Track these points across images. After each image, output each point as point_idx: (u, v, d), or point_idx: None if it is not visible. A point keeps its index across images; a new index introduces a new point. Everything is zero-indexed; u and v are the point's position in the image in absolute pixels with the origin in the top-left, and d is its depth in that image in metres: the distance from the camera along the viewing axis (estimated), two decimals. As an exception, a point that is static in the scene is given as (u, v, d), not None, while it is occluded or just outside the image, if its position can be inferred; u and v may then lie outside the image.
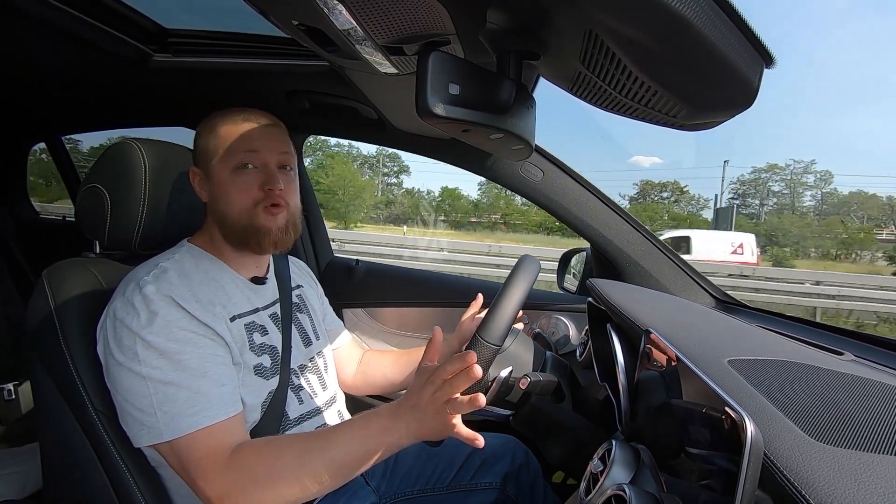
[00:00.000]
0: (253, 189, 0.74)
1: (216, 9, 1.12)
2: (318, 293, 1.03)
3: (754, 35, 0.35)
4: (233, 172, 0.74)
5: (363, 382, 1.03)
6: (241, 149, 0.74)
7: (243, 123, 0.76)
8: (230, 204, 0.74)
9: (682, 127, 0.48)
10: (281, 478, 0.61)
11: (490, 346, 0.63)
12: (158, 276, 0.69)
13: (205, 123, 0.78)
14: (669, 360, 0.58)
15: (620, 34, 0.36)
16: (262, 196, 0.74)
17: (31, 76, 1.35)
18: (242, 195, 0.74)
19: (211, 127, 0.77)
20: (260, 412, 0.73)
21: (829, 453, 0.37)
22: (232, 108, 0.79)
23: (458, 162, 1.26)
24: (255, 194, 0.74)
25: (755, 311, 1.10)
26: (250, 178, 0.74)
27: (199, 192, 0.78)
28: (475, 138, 0.56)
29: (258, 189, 0.74)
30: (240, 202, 0.74)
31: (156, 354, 0.63)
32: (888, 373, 0.63)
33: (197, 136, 0.79)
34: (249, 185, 0.74)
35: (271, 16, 0.56)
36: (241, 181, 0.74)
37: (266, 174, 0.75)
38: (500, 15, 0.47)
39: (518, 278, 0.69)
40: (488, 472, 0.94)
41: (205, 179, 0.78)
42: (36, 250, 1.99)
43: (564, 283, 1.39)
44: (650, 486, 0.55)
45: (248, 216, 0.74)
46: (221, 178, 0.75)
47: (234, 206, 0.74)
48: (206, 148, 0.77)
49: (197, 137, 0.79)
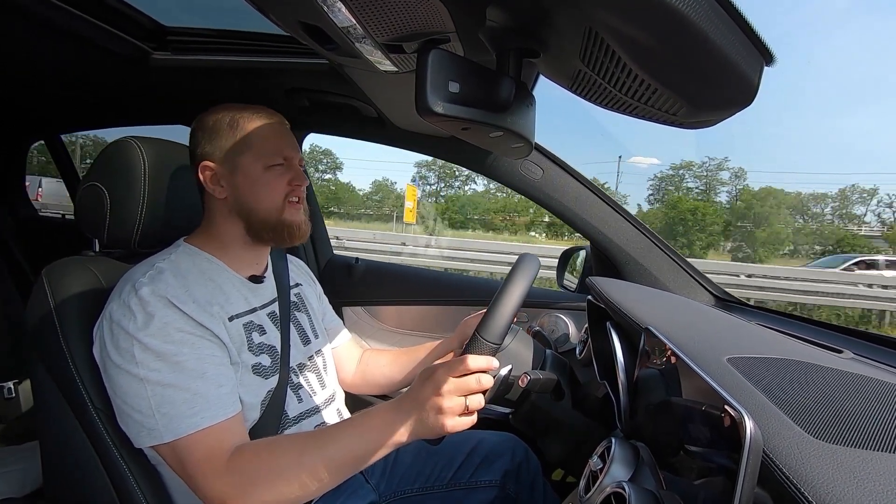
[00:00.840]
0: (283, 185, 0.77)
1: (215, 7, 1.12)
2: (318, 292, 1.03)
3: (754, 33, 0.35)
4: (264, 170, 0.76)
5: (362, 381, 1.03)
6: (275, 147, 0.77)
7: (268, 120, 0.78)
8: (262, 200, 0.76)
9: (682, 125, 0.48)
10: (281, 477, 0.61)
11: (490, 344, 0.63)
12: (154, 277, 0.68)
13: (219, 118, 0.76)
14: (669, 357, 0.58)
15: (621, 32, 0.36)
16: (290, 190, 0.78)
17: (29, 74, 1.35)
18: (273, 192, 0.77)
19: (232, 122, 0.76)
20: (259, 411, 0.73)
21: (828, 451, 0.37)
22: (243, 105, 0.78)
23: (457, 160, 1.26)
24: (284, 189, 0.77)
25: (754, 309, 1.11)
26: (280, 176, 0.77)
27: (212, 188, 0.76)
28: (475, 136, 0.56)
29: (286, 184, 0.77)
30: (272, 198, 0.76)
31: (153, 356, 0.63)
32: (888, 371, 0.64)
33: (209, 130, 0.76)
34: (279, 183, 0.77)
35: (271, 14, 0.56)
36: (272, 178, 0.76)
37: (293, 172, 0.78)
38: (500, 13, 0.47)
39: (517, 276, 0.69)
40: (488, 470, 0.94)
41: (224, 175, 0.76)
42: (35, 249, 1.99)
43: (564, 281, 1.40)
44: (649, 484, 0.56)
45: (278, 211, 0.77)
46: (253, 175, 0.75)
47: (266, 201, 0.76)
48: (227, 143, 0.75)
49: (209, 132, 0.76)
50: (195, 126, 0.78)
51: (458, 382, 0.60)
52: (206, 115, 0.78)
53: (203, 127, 0.77)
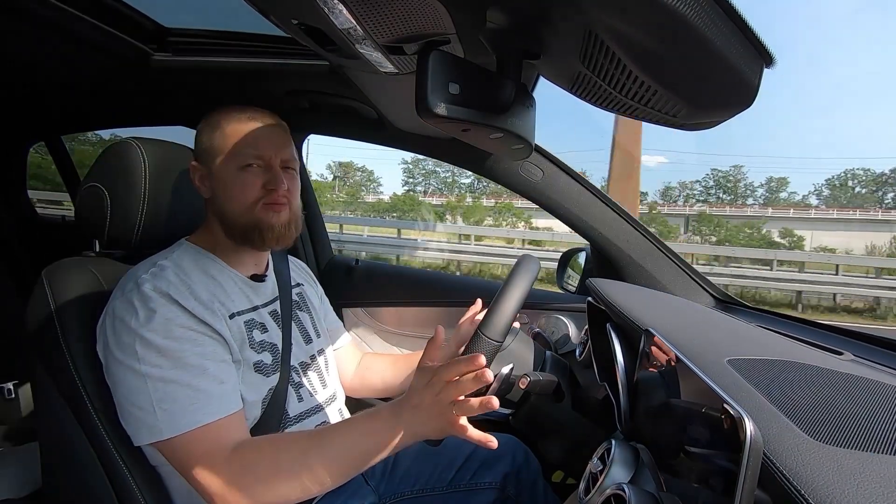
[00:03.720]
0: (256, 187, 0.75)
1: (216, 8, 1.12)
2: (318, 292, 1.03)
3: (754, 34, 0.35)
4: (237, 171, 0.75)
5: (360, 385, 1.03)
6: (246, 148, 0.75)
7: (249, 122, 0.76)
8: (232, 201, 0.75)
9: (682, 126, 0.48)
10: (281, 476, 0.61)
11: (492, 341, 0.63)
12: (157, 274, 0.69)
13: (208, 120, 0.78)
14: (669, 359, 0.58)
15: (620, 34, 0.36)
16: (264, 194, 0.75)
17: (30, 75, 1.35)
18: (245, 193, 0.74)
19: (215, 124, 0.77)
20: (260, 409, 0.73)
21: (828, 453, 0.37)
22: (236, 106, 0.78)
23: (457, 161, 1.26)
24: (257, 192, 0.75)
25: (755, 311, 1.10)
26: (254, 177, 0.75)
27: (200, 188, 0.78)
28: (475, 138, 0.56)
29: (261, 188, 0.75)
30: (242, 199, 0.74)
31: (155, 352, 0.64)
32: (887, 372, 0.63)
33: (199, 132, 0.79)
34: (252, 184, 0.75)
35: (271, 15, 0.56)
36: (244, 179, 0.75)
37: (270, 174, 0.76)
38: (501, 15, 0.47)
39: (519, 277, 0.69)
40: (488, 472, 0.94)
41: (206, 176, 0.77)
42: (35, 249, 1.99)
43: (564, 282, 1.39)
44: (649, 486, 0.56)
45: (249, 213, 0.75)
46: (225, 176, 0.75)
47: (236, 203, 0.75)
48: (209, 145, 0.76)
49: (199, 134, 0.78)
50: (197, 128, 0.80)
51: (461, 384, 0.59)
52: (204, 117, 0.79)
53: (200, 128, 0.79)
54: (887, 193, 41.82)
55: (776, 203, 40.91)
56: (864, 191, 42.87)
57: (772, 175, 46.01)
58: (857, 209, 33.86)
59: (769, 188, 45.44)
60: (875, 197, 42.03)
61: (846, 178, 44.00)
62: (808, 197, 45.35)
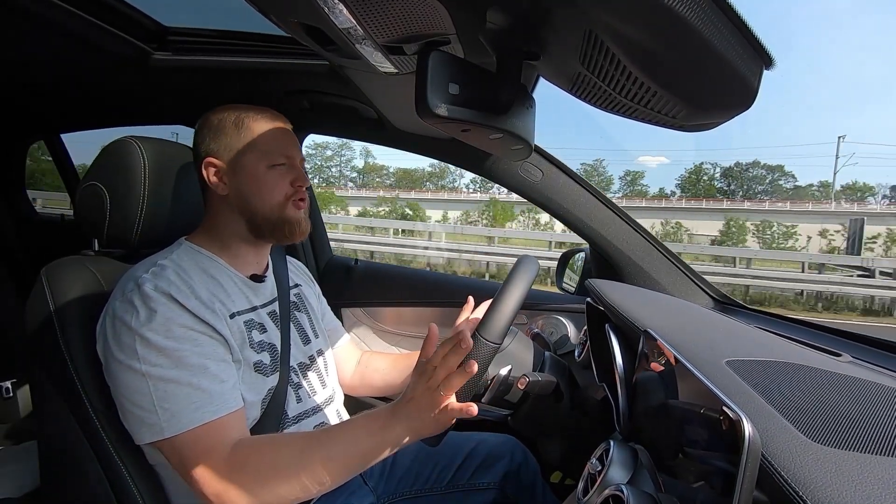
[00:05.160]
0: (286, 185, 0.79)
1: (216, 7, 1.12)
2: (317, 293, 1.03)
3: (754, 36, 0.35)
4: (267, 169, 0.77)
5: (360, 384, 1.03)
6: (277, 148, 0.78)
7: (273, 122, 0.80)
8: (264, 198, 0.78)
9: (682, 128, 0.48)
10: (280, 475, 0.61)
11: (490, 343, 0.63)
12: (157, 273, 0.69)
13: (224, 117, 0.78)
14: (668, 360, 0.58)
15: (620, 35, 0.36)
16: (293, 191, 0.79)
17: (29, 74, 1.35)
18: (276, 191, 0.78)
19: (237, 122, 0.77)
20: (260, 409, 0.73)
21: (826, 455, 0.37)
22: (251, 105, 0.80)
23: (457, 161, 1.26)
24: (287, 190, 0.79)
25: (753, 312, 1.10)
26: (282, 176, 0.78)
27: (216, 185, 0.77)
28: (475, 138, 0.56)
29: (289, 185, 0.79)
30: (272, 197, 0.78)
31: (155, 352, 0.64)
32: (886, 374, 0.63)
33: (214, 128, 0.78)
34: (282, 182, 0.78)
35: (271, 14, 0.56)
36: (275, 177, 0.78)
37: (296, 172, 0.80)
38: (501, 15, 0.47)
39: (518, 278, 0.69)
40: (487, 472, 0.94)
41: (226, 173, 0.77)
42: (35, 248, 1.99)
43: (563, 283, 1.40)
44: (648, 487, 0.56)
45: (280, 209, 0.78)
46: (256, 173, 0.77)
47: (268, 199, 0.78)
48: (232, 141, 0.77)
49: (214, 130, 0.77)
50: (200, 124, 0.79)
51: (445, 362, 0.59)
52: (211, 114, 0.79)
53: (208, 125, 0.78)
54: (730, 185, 48.87)
55: (633, 195, 48.39)
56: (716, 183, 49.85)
57: (628, 169, 52.61)
58: (708, 199, 40.23)
59: (627, 181, 53.68)
60: (721, 188, 49.13)
61: (699, 172, 50.63)
62: (664, 189, 53.04)
